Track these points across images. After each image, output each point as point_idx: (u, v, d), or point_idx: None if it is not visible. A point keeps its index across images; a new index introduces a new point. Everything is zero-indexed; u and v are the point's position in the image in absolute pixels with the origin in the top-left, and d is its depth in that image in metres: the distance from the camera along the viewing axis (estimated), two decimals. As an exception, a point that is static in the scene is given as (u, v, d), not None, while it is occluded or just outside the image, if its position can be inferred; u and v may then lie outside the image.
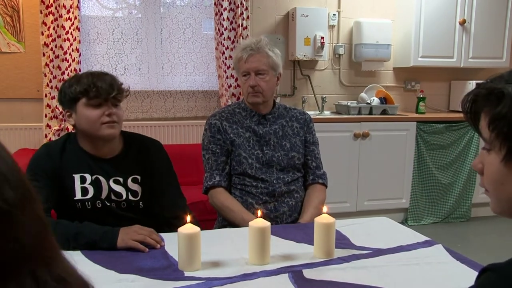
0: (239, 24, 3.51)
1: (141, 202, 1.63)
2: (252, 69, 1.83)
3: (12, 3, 3.22)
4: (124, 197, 1.60)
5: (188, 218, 1.26)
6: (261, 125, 1.89)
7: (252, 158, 1.82)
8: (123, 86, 1.59)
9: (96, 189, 1.58)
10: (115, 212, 1.59)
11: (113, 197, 1.60)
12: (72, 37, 3.21)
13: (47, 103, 3.24)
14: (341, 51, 3.93)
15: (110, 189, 1.59)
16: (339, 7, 3.92)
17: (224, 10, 3.49)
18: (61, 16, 3.17)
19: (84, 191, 1.57)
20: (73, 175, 1.57)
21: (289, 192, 1.83)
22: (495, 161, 0.80)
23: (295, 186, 1.86)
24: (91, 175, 1.58)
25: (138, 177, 1.63)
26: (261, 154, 1.84)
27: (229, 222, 1.80)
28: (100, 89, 1.52)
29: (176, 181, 1.73)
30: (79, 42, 3.26)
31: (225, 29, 3.51)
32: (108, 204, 1.59)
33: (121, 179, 1.61)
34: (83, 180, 1.57)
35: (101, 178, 1.59)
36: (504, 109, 0.76)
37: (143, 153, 1.67)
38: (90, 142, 1.59)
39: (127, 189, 1.61)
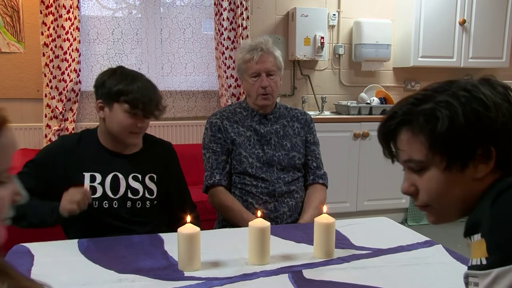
0: (239, 24, 3.51)
1: (155, 201, 1.64)
2: (263, 70, 1.82)
3: (12, 3, 3.22)
4: (141, 194, 1.62)
5: (188, 218, 1.26)
6: (262, 125, 1.88)
7: (252, 157, 1.82)
8: (163, 106, 1.62)
9: (110, 188, 1.58)
10: (120, 214, 1.59)
11: (129, 194, 1.61)
12: (72, 37, 3.21)
13: (47, 103, 3.24)
14: (341, 51, 3.93)
15: (128, 186, 1.61)
16: (339, 7, 3.92)
17: (224, 10, 3.49)
18: (61, 16, 3.17)
19: (93, 190, 1.56)
20: (83, 173, 1.57)
21: (289, 192, 1.83)
22: (435, 175, 0.83)
23: (295, 186, 1.85)
24: (106, 174, 1.59)
25: (155, 175, 1.66)
26: (261, 154, 1.84)
27: (229, 222, 1.80)
28: (147, 107, 1.54)
29: (186, 182, 1.81)
30: (79, 42, 3.25)
31: (225, 29, 3.51)
32: (121, 203, 1.59)
33: (139, 176, 1.63)
34: (92, 179, 1.58)
35: (119, 175, 1.60)
36: (443, 128, 0.79)
37: (159, 153, 1.71)
38: (113, 140, 1.61)
39: (144, 186, 1.63)
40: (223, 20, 3.50)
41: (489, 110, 0.79)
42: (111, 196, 1.58)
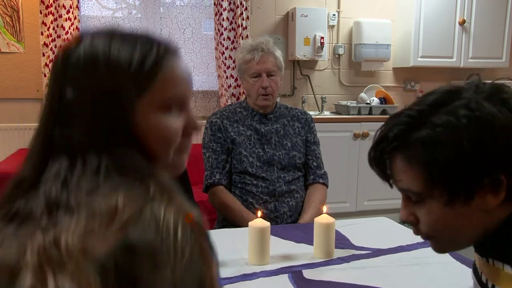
0: (238, 24, 3.51)
1: None
2: (264, 70, 1.82)
3: (12, 3, 3.21)
4: None
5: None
6: (263, 124, 1.89)
7: (253, 156, 1.82)
8: None
9: None
10: None
11: None
12: (72, 37, 3.21)
13: (47, 103, 3.24)
14: (340, 51, 3.93)
15: None
16: (338, 7, 3.92)
17: (223, 10, 3.49)
18: (60, 16, 3.17)
19: None
20: None
21: (289, 191, 1.83)
22: (437, 208, 0.73)
23: (296, 186, 1.85)
24: None
25: None
26: (262, 153, 1.84)
27: (229, 221, 1.80)
28: None
29: (190, 181, 1.83)
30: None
31: (225, 29, 3.51)
32: None
33: None
34: None
35: None
36: (442, 158, 0.69)
37: None
38: None
39: None
40: (223, 20, 3.50)
41: (496, 134, 0.67)
42: None
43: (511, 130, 0.67)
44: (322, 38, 3.66)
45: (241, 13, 3.51)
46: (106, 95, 0.58)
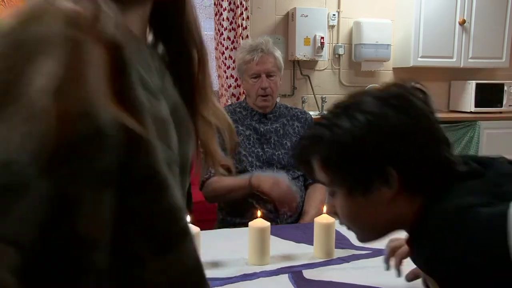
0: (239, 24, 3.51)
1: None
2: (263, 71, 1.83)
3: (12, 3, 3.21)
4: None
5: (189, 218, 1.26)
6: (262, 124, 1.89)
7: (252, 156, 1.82)
8: None
9: None
10: None
11: None
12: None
13: (47, 103, 3.24)
14: (341, 51, 3.94)
15: None
16: (338, 7, 3.92)
17: (224, 10, 3.49)
18: (61, 16, 3.17)
19: None
20: None
21: None
22: (343, 200, 0.81)
23: (296, 186, 1.85)
24: None
25: None
26: (261, 152, 1.84)
27: (228, 201, 1.81)
28: None
29: None
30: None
31: (225, 29, 3.51)
32: None
33: None
34: None
35: None
36: (330, 152, 0.78)
37: None
38: None
39: None
40: (223, 20, 3.50)
41: (381, 134, 0.74)
42: None
43: (396, 131, 0.74)
44: (322, 38, 3.66)
45: (241, 13, 3.51)
46: None
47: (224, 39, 3.52)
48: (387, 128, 0.74)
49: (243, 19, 3.52)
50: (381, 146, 0.74)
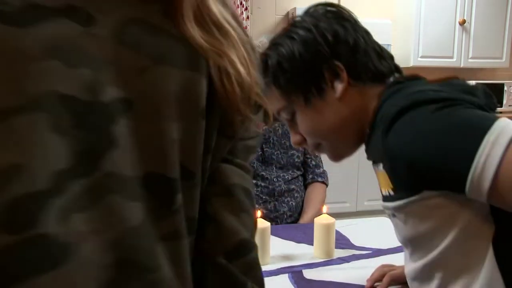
0: (239, 24, 3.52)
1: None
2: None
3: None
4: None
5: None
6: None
7: None
8: None
9: None
10: None
11: None
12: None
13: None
14: (341, 51, 3.94)
15: None
16: (339, 7, 3.92)
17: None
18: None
19: None
20: None
21: (289, 191, 1.83)
22: (303, 113, 0.85)
23: (295, 185, 1.85)
24: None
25: None
26: (260, 152, 1.84)
27: None
28: None
29: None
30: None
31: (225, 29, 3.51)
32: None
33: None
34: None
35: None
36: (280, 67, 0.82)
37: None
38: None
39: None
40: (223, 20, 3.50)
41: (319, 35, 0.81)
42: None
43: (334, 31, 0.83)
44: (322, 38, 3.66)
45: (241, 13, 3.51)
46: None
47: (224, 39, 3.52)
48: (326, 31, 0.82)
49: (243, 19, 3.52)
50: (324, 45, 0.81)
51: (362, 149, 0.90)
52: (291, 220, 1.82)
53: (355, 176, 3.60)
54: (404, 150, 0.70)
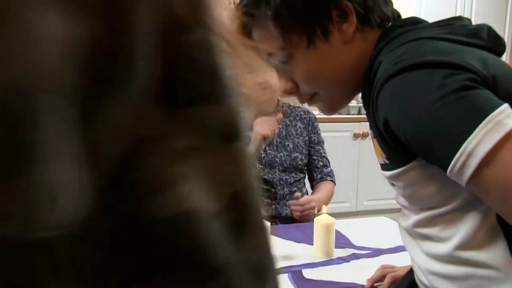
0: (239, 24, 3.52)
1: None
2: None
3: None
4: None
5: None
6: None
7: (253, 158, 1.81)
8: None
9: None
10: None
11: None
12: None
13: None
14: (341, 51, 3.94)
15: None
16: (339, 7, 3.92)
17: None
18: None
19: None
20: None
21: (291, 194, 1.82)
22: (303, 56, 0.76)
23: (297, 188, 1.85)
24: None
25: None
26: (263, 155, 1.83)
27: None
28: None
29: None
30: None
31: (225, 29, 3.52)
32: None
33: None
34: None
35: None
36: (283, 3, 0.74)
37: None
38: None
39: None
40: (223, 20, 3.50)
41: None
42: None
43: None
44: (322, 38, 3.66)
45: (241, 13, 3.52)
46: None
47: (224, 39, 3.52)
48: None
49: None
50: None
51: (362, 149, 0.90)
52: (292, 222, 1.82)
53: (355, 176, 3.60)
54: (392, 121, 0.66)
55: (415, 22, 0.81)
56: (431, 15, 3.81)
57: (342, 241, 1.44)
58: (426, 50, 0.66)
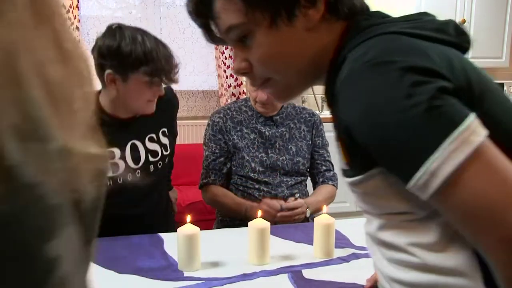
0: (238, 24, 3.51)
1: (168, 156, 1.64)
2: None
3: (12, 3, 3.21)
4: (160, 155, 1.59)
5: (189, 218, 1.26)
6: (268, 126, 1.84)
7: (255, 161, 1.79)
8: (177, 66, 1.53)
9: (131, 160, 1.53)
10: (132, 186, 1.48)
11: (150, 158, 1.57)
12: (72, 37, 3.21)
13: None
14: (340, 51, 3.93)
15: (147, 150, 1.57)
16: (338, 7, 3.92)
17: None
18: (60, 16, 3.17)
19: (114, 167, 1.49)
20: None
21: (291, 196, 1.80)
22: (264, 36, 0.72)
23: (298, 190, 1.84)
24: (124, 145, 1.51)
25: (166, 129, 1.64)
26: (265, 157, 1.81)
27: (224, 213, 1.82)
28: (169, 75, 1.47)
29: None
30: (79, 42, 3.25)
31: (225, 29, 3.51)
32: (143, 170, 1.55)
33: (154, 136, 1.59)
34: (111, 156, 1.48)
35: (136, 142, 1.55)
36: None
37: (164, 104, 1.60)
38: (125, 109, 1.51)
39: (160, 144, 1.60)
40: (223, 20, 3.50)
41: None
42: (134, 166, 1.54)
43: None
44: (322, 38, 3.66)
45: None
46: None
47: (224, 39, 3.52)
48: None
49: None
50: None
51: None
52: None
53: (355, 176, 3.60)
54: (353, 123, 0.63)
55: (383, 15, 0.78)
56: (431, 15, 3.81)
57: (342, 241, 1.44)
58: (394, 48, 0.63)
